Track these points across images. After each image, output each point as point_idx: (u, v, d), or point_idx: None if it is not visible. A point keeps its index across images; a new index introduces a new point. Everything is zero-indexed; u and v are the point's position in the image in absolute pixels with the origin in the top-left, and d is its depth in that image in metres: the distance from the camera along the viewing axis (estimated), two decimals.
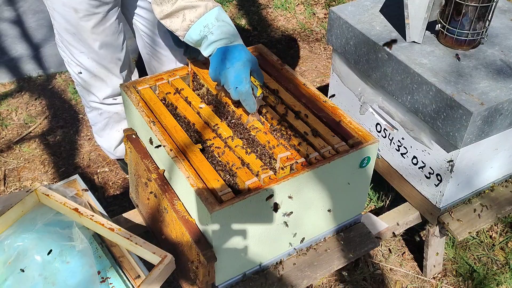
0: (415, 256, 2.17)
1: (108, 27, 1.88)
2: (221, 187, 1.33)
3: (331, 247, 1.67)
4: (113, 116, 2.16)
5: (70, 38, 1.88)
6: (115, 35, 1.92)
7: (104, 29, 1.87)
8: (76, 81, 2.05)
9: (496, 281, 2.06)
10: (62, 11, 1.81)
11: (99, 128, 2.22)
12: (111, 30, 1.90)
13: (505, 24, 1.85)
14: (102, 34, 1.88)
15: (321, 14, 3.76)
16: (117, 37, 1.94)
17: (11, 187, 2.46)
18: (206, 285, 1.45)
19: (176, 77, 1.71)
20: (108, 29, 1.88)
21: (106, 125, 2.19)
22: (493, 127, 1.58)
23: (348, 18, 1.87)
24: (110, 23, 1.88)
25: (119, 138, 2.24)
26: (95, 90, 2.04)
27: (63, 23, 1.84)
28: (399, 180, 1.93)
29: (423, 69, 1.62)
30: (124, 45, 2.00)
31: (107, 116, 2.15)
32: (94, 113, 2.16)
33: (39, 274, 1.45)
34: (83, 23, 1.82)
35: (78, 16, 1.80)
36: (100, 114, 2.15)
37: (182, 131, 1.50)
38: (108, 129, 2.20)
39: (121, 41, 1.97)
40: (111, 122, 2.18)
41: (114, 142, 2.26)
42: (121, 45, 1.98)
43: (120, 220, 1.80)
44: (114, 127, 2.20)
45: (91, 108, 2.14)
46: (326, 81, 3.16)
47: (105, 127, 2.20)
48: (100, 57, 1.93)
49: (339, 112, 1.58)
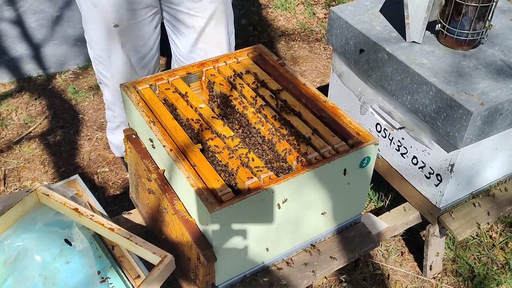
0: (415, 256, 2.17)
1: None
2: (221, 187, 1.33)
3: (331, 247, 1.67)
4: (116, 123, 2.20)
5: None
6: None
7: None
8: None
9: (496, 281, 2.06)
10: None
11: (112, 127, 2.26)
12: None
13: (505, 24, 1.85)
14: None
15: (321, 14, 3.76)
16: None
17: (11, 187, 2.46)
18: (206, 285, 1.45)
19: (176, 77, 1.71)
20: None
21: (118, 126, 2.23)
22: (493, 127, 1.58)
23: (348, 18, 1.87)
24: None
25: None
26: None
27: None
28: (399, 180, 1.93)
29: (423, 69, 1.62)
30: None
31: (120, 120, 2.19)
32: (109, 112, 2.20)
33: (39, 274, 1.45)
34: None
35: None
36: (113, 117, 2.19)
37: (182, 131, 1.50)
38: (121, 129, 2.24)
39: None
40: (123, 126, 2.21)
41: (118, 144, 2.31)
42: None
43: (120, 220, 1.79)
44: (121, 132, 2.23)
45: (107, 107, 2.19)
46: (326, 81, 3.16)
47: (117, 127, 2.24)
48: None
49: (339, 112, 1.58)
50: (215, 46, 2.03)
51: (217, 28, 1.98)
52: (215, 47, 2.03)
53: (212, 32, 1.98)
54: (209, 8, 1.92)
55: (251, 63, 1.79)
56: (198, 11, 1.91)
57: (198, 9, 1.91)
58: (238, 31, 3.55)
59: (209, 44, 2.01)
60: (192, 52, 2.04)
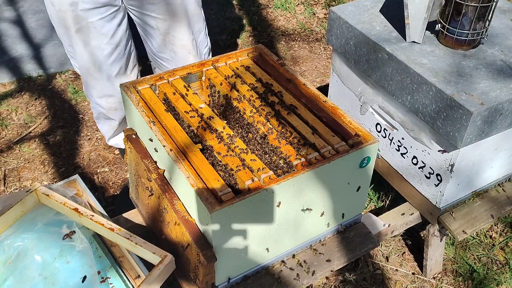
0: (415, 256, 2.17)
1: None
2: (221, 187, 1.33)
3: (331, 247, 1.67)
4: (100, 114, 2.21)
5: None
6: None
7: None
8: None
9: (496, 281, 2.06)
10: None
11: (94, 116, 2.28)
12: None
13: (505, 24, 1.85)
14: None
15: (321, 14, 3.76)
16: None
17: (11, 187, 2.46)
18: (206, 285, 1.45)
19: (176, 77, 1.71)
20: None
21: (97, 118, 2.25)
22: (493, 127, 1.58)
23: (348, 18, 1.87)
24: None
25: (111, 131, 2.28)
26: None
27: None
28: (399, 180, 1.93)
29: (423, 69, 1.62)
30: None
31: (98, 111, 2.20)
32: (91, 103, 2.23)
33: (39, 274, 1.46)
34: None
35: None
36: (92, 107, 2.22)
37: (182, 131, 1.50)
38: (100, 122, 2.26)
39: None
40: (101, 117, 2.23)
41: (107, 134, 2.31)
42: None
43: (120, 220, 1.80)
44: (105, 123, 2.24)
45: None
46: (326, 81, 3.16)
47: (97, 119, 2.26)
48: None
49: (339, 112, 1.58)
50: (181, 48, 2.04)
51: (179, 29, 1.98)
52: (181, 49, 2.04)
53: (175, 34, 1.99)
54: (168, 10, 1.91)
55: (251, 63, 1.79)
56: (159, 13, 1.92)
57: (158, 11, 1.91)
58: (238, 31, 3.55)
59: (175, 45, 2.03)
60: (162, 52, 2.06)
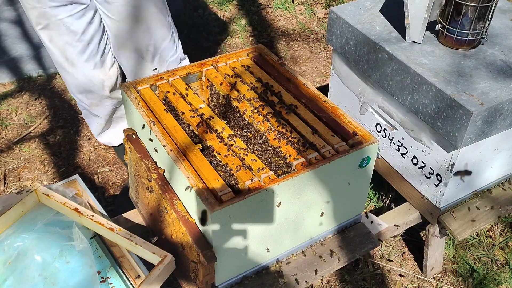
0: (415, 256, 2.17)
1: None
2: (221, 187, 1.33)
3: (331, 247, 1.67)
4: (85, 111, 2.21)
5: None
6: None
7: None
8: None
9: (496, 281, 2.06)
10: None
11: (83, 114, 2.28)
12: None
13: (505, 24, 1.85)
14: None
15: (321, 14, 3.76)
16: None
17: (11, 187, 2.46)
18: (206, 285, 1.45)
19: (176, 77, 1.71)
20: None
21: (85, 116, 2.26)
22: (493, 127, 1.58)
23: (348, 18, 1.87)
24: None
25: (99, 128, 2.28)
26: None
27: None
28: (399, 180, 1.93)
29: (423, 69, 1.62)
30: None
31: (82, 108, 2.21)
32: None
33: (39, 274, 1.46)
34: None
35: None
36: (78, 104, 2.22)
37: (182, 131, 1.50)
38: (88, 119, 2.27)
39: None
40: (88, 115, 2.23)
41: (95, 131, 2.32)
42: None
43: (120, 220, 1.80)
44: (93, 120, 2.25)
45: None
46: (326, 81, 3.16)
47: (85, 116, 2.27)
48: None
49: (339, 112, 1.58)
50: (134, 52, 1.99)
51: (132, 33, 1.93)
52: (134, 53, 1.99)
53: (127, 36, 1.94)
54: (120, 11, 1.87)
55: (251, 63, 1.79)
56: (113, 13, 1.88)
57: (112, 11, 1.87)
58: (238, 31, 3.55)
59: (127, 48, 1.97)
60: (117, 55, 2.03)
